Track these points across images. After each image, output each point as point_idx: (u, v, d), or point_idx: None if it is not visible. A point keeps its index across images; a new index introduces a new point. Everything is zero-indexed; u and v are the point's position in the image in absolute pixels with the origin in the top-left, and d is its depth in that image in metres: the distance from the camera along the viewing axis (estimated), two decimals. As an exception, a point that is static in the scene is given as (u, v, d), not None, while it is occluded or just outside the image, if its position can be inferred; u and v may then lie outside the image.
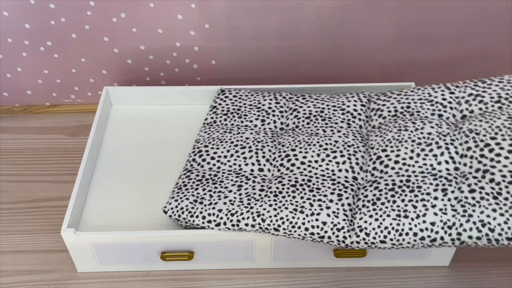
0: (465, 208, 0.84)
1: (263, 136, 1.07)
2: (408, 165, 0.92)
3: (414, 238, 0.85)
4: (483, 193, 0.84)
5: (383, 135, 0.99)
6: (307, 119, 1.10)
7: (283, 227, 0.91)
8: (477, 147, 0.90)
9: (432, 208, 0.86)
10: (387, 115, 1.05)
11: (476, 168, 0.88)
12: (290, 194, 0.94)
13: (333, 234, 0.89)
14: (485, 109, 0.98)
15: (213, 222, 0.95)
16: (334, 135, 1.03)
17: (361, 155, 0.99)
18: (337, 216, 0.90)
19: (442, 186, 0.88)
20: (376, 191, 0.91)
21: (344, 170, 0.97)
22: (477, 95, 1.00)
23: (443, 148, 0.93)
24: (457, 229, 0.84)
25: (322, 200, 0.92)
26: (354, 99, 1.12)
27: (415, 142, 0.94)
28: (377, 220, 0.88)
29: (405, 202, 0.88)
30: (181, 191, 0.99)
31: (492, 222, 0.82)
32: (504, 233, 0.82)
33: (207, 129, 1.12)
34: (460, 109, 1.01)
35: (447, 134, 0.95)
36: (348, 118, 1.08)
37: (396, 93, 1.09)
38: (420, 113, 1.02)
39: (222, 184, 0.99)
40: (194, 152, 1.07)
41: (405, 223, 0.86)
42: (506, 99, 0.97)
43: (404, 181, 0.90)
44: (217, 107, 1.16)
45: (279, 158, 1.02)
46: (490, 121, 0.92)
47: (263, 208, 0.93)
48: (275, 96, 1.16)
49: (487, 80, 1.02)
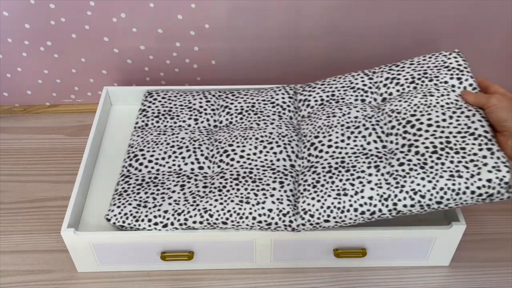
0: (397, 180, 0.90)
1: (199, 134, 1.09)
2: (340, 147, 0.99)
3: (355, 214, 0.91)
4: (411, 164, 0.91)
5: (314, 123, 1.05)
6: (240, 115, 1.13)
7: (231, 219, 0.94)
8: (400, 125, 0.97)
9: (368, 184, 0.92)
10: (314, 105, 1.11)
11: (401, 143, 0.95)
12: (234, 187, 0.97)
13: (280, 220, 0.93)
14: (402, 90, 1.05)
15: (160, 223, 0.95)
16: (268, 127, 1.07)
17: (296, 143, 1.04)
18: (281, 202, 0.94)
19: (374, 163, 0.94)
20: (315, 175, 0.96)
21: (282, 159, 1.02)
22: (393, 78, 1.08)
23: (370, 129, 1.00)
24: (392, 200, 0.90)
25: (265, 189, 0.96)
26: (281, 92, 1.16)
27: (344, 127, 1.01)
28: (319, 201, 0.92)
29: (343, 181, 0.93)
30: (122, 197, 0.99)
31: (422, 189, 0.88)
32: (434, 198, 0.88)
33: (140, 133, 1.11)
34: (380, 92, 1.08)
35: (372, 117, 1.02)
36: (279, 110, 1.12)
37: (319, 83, 1.15)
38: (344, 100, 1.08)
39: (164, 185, 1.00)
40: (130, 157, 1.06)
41: (346, 200, 0.91)
42: (419, 79, 1.04)
43: (339, 162, 0.96)
44: (146, 110, 1.16)
45: (217, 155, 1.04)
46: (408, 100, 1.00)
47: (210, 203, 0.95)
48: (205, 95, 1.18)
49: (399, 63, 1.10)
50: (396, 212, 0.90)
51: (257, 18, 1.22)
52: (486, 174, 0.86)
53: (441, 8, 1.21)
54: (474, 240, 1.08)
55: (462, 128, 0.92)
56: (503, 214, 1.12)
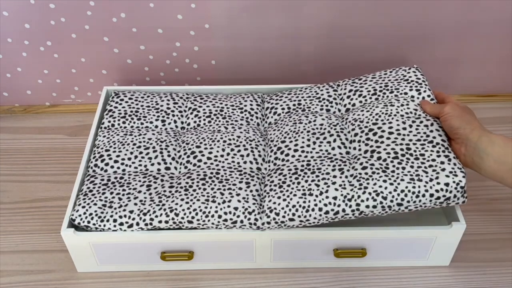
0: (360, 182, 0.94)
1: (166, 135, 1.09)
2: (306, 152, 1.02)
3: (320, 213, 0.93)
4: (373, 168, 0.95)
5: (281, 129, 1.09)
6: (208, 118, 1.14)
7: (197, 218, 0.95)
8: (362, 133, 1.02)
9: (333, 184, 0.95)
10: (281, 112, 1.14)
11: (364, 150, 0.99)
12: (200, 187, 0.98)
13: (245, 218, 0.95)
14: (365, 101, 1.10)
15: (125, 224, 0.95)
16: (236, 131, 1.09)
17: (262, 148, 1.07)
18: (247, 201, 0.96)
19: (339, 166, 0.97)
20: (281, 177, 0.99)
21: (249, 162, 1.04)
22: (356, 90, 1.12)
23: (335, 136, 1.03)
24: (355, 201, 0.93)
25: (232, 189, 0.98)
26: (250, 99, 1.18)
27: (310, 133, 1.05)
28: (285, 200, 0.95)
29: (309, 182, 0.96)
30: (87, 197, 0.98)
31: (384, 191, 0.92)
32: (395, 200, 0.92)
33: (106, 133, 1.11)
34: (344, 103, 1.12)
35: (337, 125, 1.06)
36: (247, 116, 1.15)
37: (286, 93, 1.19)
38: (310, 109, 1.13)
39: (130, 185, 1.00)
40: (95, 157, 1.06)
41: (311, 200, 0.94)
42: (380, 91, 1.10)
43: (305, 165, 0.99)
44: (113, 110, 1.15)
45: (185, 156, 1.05)
46: (370, 110, 1.06)
47: (175, 203, 0.96)
48: (172, 97, 1.18)
49: (362, 77, 1.15)
50: (358, 212, 0.93)
51: (257, 18, 1.22)
52: (444, 178, 0.91)
53: (441, 8, 1.21)
54: (474, 240, 1.08)
55: (422, 136, 0.98)
56: (503, 214, 1.12)
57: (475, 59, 1.32)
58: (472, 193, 1.15)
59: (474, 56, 1.31)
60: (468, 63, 1.33)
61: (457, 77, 1.36)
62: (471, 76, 1.35)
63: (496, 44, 1.28)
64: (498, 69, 1.34)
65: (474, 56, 1.31)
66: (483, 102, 1.38)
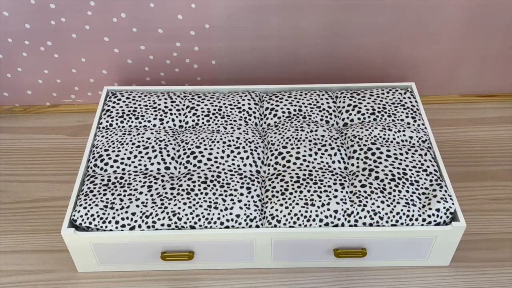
0: (360, 199, 0.98)
1: (164, 134, 1.10)
2: (308, 161, 1.04)
3: (320, 224, 0.96)
4: (372, 187, 0.99)
5: (282, 133, 1.10)
6: (207, 117, 1.14)
7: (200, 224, 0.96)
8: (361, 150, 1.05)
9: (334, 198, 0.98)
10: (281, 115, 1.15)
11: (362, 167, 1.03)
12: (202, 192, 0.99)
13: (247, 225, 0.97)
14: (363, 119, 1.14)
15: (127, 226, 0.95)
16: (235, 132, 1.10)
17: (262, 150, 1.08)
18: (248, 208, 0.98)
19: (340, 181, 1.01)
20: (283, 183, 1.01)
21: (249, 165, 1.05)
22: (355, 105, 1.15)
23: (335, 150, 1.06)
24: (354, 217, 0.97)
25: (233, 195, 0.99)
26: (247, 98, 1.18)
27: (312, 142, 1.07)
28: (287, 208, 0.97)
29: (311, 192, 0.99)
30: (88, 198, 0.98)
31: (381, 212, 0.96)
32: (390, 220, 0.96)
33: (104, 133, 1.11)
34: (342, 117, 1.15)
35: (337, 138, 1.09)
36: (245, 116, 1.15)
37: (286, 94, 1.19)
38: (311, 117, 1.14)
39: (131, 186, 1.00)
40: (94, 157, 1.06)
41: (312, 210, 0.97)
42: (379, 112, 1.14)
43: (307, 175, 1.01)
44: (110, 110, 1.15)
45: (184, 156, 1.06)
46: (369, 130, 1.09)
47: (178, 207, 0.97)
48: (170, 96, 1.18)
49: (360, 92, 1.19)
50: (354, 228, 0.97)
51: (257, 18, 1.22)
52: (435, 205, 0.97)
53: (441, 8, 1.21)
54: (474, 240, 1.08)
55: (417, 164, 1.03)
56: (503, 214, 1.12)
57: (475, 59, 1.32)
58: (472, 193, 1.15)
59: (474, 56, 1.31)
60: (468, 63, 1.33)
61: (457, 77, 1.36)
62: (471, 76, 1.35)
63: (496, 44, 1.28)
64: (498, 69, 1.34)
65: (474, 56, 1.31)
66: (483, 102, 1.38)
